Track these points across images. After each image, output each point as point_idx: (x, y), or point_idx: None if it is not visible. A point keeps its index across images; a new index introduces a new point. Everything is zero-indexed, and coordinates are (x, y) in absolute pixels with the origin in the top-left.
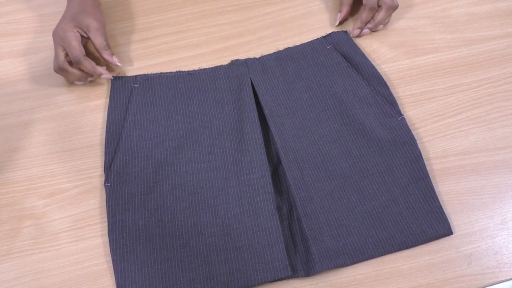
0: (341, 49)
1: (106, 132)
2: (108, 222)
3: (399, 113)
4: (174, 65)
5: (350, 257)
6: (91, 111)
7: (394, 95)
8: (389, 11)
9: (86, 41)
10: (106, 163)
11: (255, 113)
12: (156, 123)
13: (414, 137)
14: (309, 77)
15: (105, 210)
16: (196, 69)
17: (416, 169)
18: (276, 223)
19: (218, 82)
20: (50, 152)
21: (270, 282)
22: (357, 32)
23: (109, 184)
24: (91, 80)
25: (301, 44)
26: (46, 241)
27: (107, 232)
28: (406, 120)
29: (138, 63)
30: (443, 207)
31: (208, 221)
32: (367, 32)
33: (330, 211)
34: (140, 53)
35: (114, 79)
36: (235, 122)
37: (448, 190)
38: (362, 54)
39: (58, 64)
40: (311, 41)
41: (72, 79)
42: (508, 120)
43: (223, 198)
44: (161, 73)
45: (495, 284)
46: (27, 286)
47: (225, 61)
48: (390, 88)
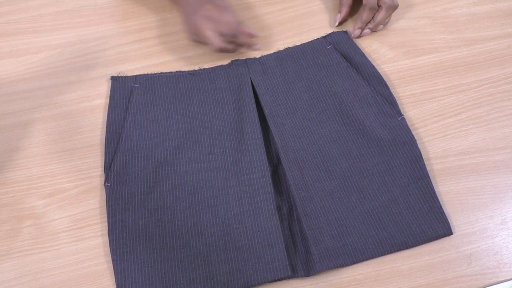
0: (341, 49)
1: (106, 132)
2: (108, 222)
3: (399, 113)
4: (174, 65)
5: (350, 257)
6: (91, 111)
7: (394, 95)
8: (389, 11)
9: None
10: (106, 163)
11: (255, 113)
12: (156, 123)
13: (414, 137)
14: (309, 77)
15: (105, 210)
16: (196, 69)
17: (416, 169)
18: (276, 223)
19: (218, 82)
20: (50, 152)
21: (270, 282)
22: (358, 32)
23: (109, 184)
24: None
25: (301, 44)
26: (46, 241)
27: (107, 232)
28: (406, 120)
29: (138, 63)
30: (443, 207)
31: (208, 221)
32: (368, 33)
33: (330, 211)
34: (140, 53)
35: (114, 79)
36: (235, 122)
37: (448, 190)
38: (362, 54)
39: (217, 45)
40: (311, 41)
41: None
42: (508, 120)
43: (223, 198)
44: (161, 73)
45: (495, 284)
46: (27, 286)
47: (225, 61)
48: (390, 88)
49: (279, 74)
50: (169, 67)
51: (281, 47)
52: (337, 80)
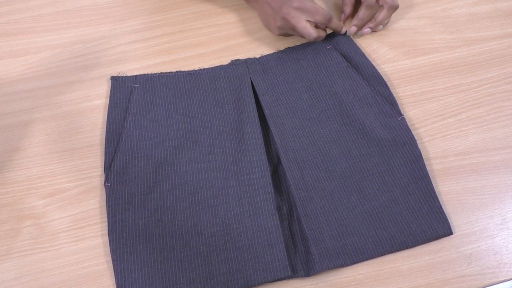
0: (341, 49)
1: (106, 132)
2: (108, 222)
3: (399, 113)
4: (174, 65)
5: (350, 257)
6: (91, 111)
7: (394, 95)
8: (390, 11)
9: None
10: (106, 163)
11: (255, 113)
12: (156, 123)
13: (414, 137)
14: (309, 77)
15: (105, 210)
16: (196, 69)
17: (416, 169)
18: (276, 223)
19: (218, 82)
20: (50, 152)
21: (270, 282)
22: (354, 29)
23: (109, 184)
24: None
25: (301, 44)
26: (46, 241)
27: (107, 232)
28: (406, 120)
29: (138, 63)
30: (443, 207)
31: (208, 221)
32: (368, 32)
33: (330, 211)
34: (140, 53)
35: (114, 79)
36: (235, 122)
37: (448, 190)
38: (362, 54)
39: (313, 35)
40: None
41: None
42: (508, 120)
43: (223, 198)
44: (161, 73)
45: (495, 284)
46: (27, 286)
47: (225, 61)
48: (390, 88)
49: (279, 74)
50: (169, 67)
51: (281, 47)
52: (337, 80)
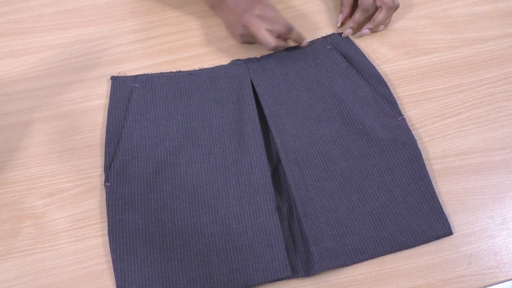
0: (341, 49)
1: (106, 132)
2: (108, 222)
3: (399, 113)
4: (174, 65)
5: (350, 257)
6: (91, 111)
7: (394, 95)
8: (390, 12)
9: None
10: (106, 163)
11: (255, 113)
12: (156, 123)
13: (414, 137)
14: (309, 77)
15: (105, 210)
16: (196, 69)
17: (416, 169)
18: (276, 223)
19: (218, 82)
20: (50, 152)
21: (270, 282)
22: (349, 32)
23: (109, 184)
24: None
25: None
26: (46, 241)
27: (107, 232)
28: (406, 120)
29: (138, 63)
30: (443, 207)
31: (208, 221)
32: (368, 33)
33: (330, 211)
34: (140, 53)
35: (114, 79)
36: (235, 122)
37: (448, 190)
38: (362, 54)
39: (272, 43)
40: (311, 41)
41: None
42: (508, 121)
43: (223, 198)
44: (161, 73)
45: (495, 285)
46: (27, 286)
47: (225, 61)
48: (390, 88)
49: (279, 74)
50: (169, 67)
51: None
52: (337, 80)
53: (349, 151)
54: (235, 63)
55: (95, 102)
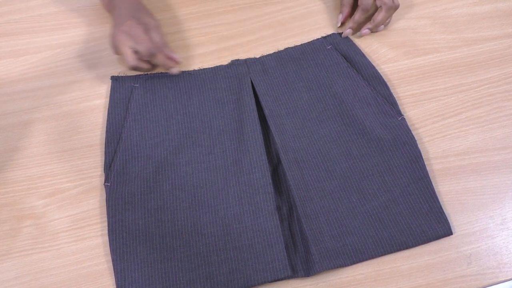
0: (341, 50)
1: (106, 132)
2: (108, 222)
3: (399, 113)
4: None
5: (350, 257)
6: (91, 111)
7: (394, 95)
8: (390, 12)
9: None
10: (106, 163)
11: (255, 113)
12: (156, 123)
13: (414, 137)
14: (309, 77)
15: (105, 210)
16: (196, 69)
17: (416, 169)
18: (276, 223)
19: (218, 82)
20: (50, 152)
21: (270, 282)
22: (349, 32)
23: (109, 184)
24: None
25: (301, 44)
26: (46, 241)
27: (107, 232)
28: (406, 120)
29: None
30: (443, 207)
31: (208, 221)
32: (367, 33)
33: (330, 211)
34: None
35: (114, 79)
36: (235, 122)
37: (448, 190)
38: (362, 55)
39: (131, 63)
40: (311, 41)
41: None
42: (508, 121)
43: (223, 198)
44: (161, 73)
45: (495, 285)
46: (27, 286)
47: (225, 61)
48: (390, 88)
49: (279, 74)
50: None
51: (281, 47)
52: (337, 80)
53: (349, 151)
54: (235, 63)
55: (95, 102)
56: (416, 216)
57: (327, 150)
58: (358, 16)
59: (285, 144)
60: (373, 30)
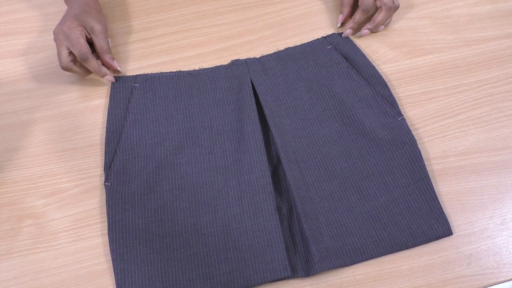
0: (341, 50)
1: (106, 132)
2: (108, 222)
3: (399, 114)
4: (174, 65)
5: (350, 257)
6: (92, 111)
7: (394, 96)
8: (390, 12)
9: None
10: (106, 163)
11: (255, 113)
12: (156, 123)
13: (414, 138)
14: (309, 77)
15: (105, 210)
16: (196, 69)
17: (416, 170)
18: (276, 223)
19: (218, 82)
20: (50, 152)
21: (270, 282)
22: (349, 32)
23: (109, 184)
24: None
25: (302, 44)
26: (46, 241)
27: (107, 232)
28: (406, 121)
29: (138, 63)
30: (443, 208)
31: (208, 221)
32: (367, 33)
33: (330, 211)
34: (140, 53)
35: (114, 79)
36: (235, 122)
37: (448, 191)
38: (362, 55)
39: (62, 63)
40: (312, 41)
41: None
42: (509, 121)
43: (223, 198)
44: (161, 73)
45: (495, 285)
46: (27, 286)
47: (225, 61)
48: (390, 89)
49: (279, 74)
50: (169, 67)
51: (281, 47)
52: (337, 80)
53: (349, 151)
54: (235, 63)
55: (95, 102)
56: (416, 216)
57: (327, 150)
58: (359, 17)
59: (285, 144)
60: (373, 30)
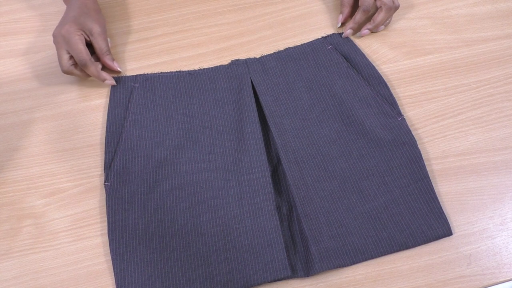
0: (341, 50)
1: (106, 132)
2: (108, 222)
3: (399, 114)
4: (174, 65)
5: (350, 257)
6: (92, 111)
7: (394, 96)
8: (390, 12)
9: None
10: (106, 163)
11: (255, 113)
12: (156, 123)
13: (414, 138)
14: (309, 77)
15: (105, 210)
16: (196, 69)
17: (416, 170)
18: (276, 223)
19: (218, 82)
20: (50, 152)
21: (270, 282)
22: (349, 32)
23: (109, 184)
24: None
25: (302, 44)
26: (46, 241)
27: (107, 232)
28: (406, 121)
29: (138, 63)
30: (443, 208)
31: (208, 221)
32: (367, 33)
33: (330, 211)
34: (140, 53)
35: (114, 79)
36: (235, 122)
37: (448, 191)
38: (362, 55)
39: (63, 68)
40: (312, 41)
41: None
42: (509, 121)
43: (223, 198)
44: (161, 73)
45: (495, 285)
46: (27, 285)
47: (225, 61)
48: (390, 89)
49: (279, 74)
50: (169, 67)
51: (281, 47)
52: (337, 80)
53: (349, 152)
54: (235, 63)
55: (95, 102)
56: (416, 217)
57: (327, 150)
58: (359, 17)
59: (285, 144)
60: (373, 31)
